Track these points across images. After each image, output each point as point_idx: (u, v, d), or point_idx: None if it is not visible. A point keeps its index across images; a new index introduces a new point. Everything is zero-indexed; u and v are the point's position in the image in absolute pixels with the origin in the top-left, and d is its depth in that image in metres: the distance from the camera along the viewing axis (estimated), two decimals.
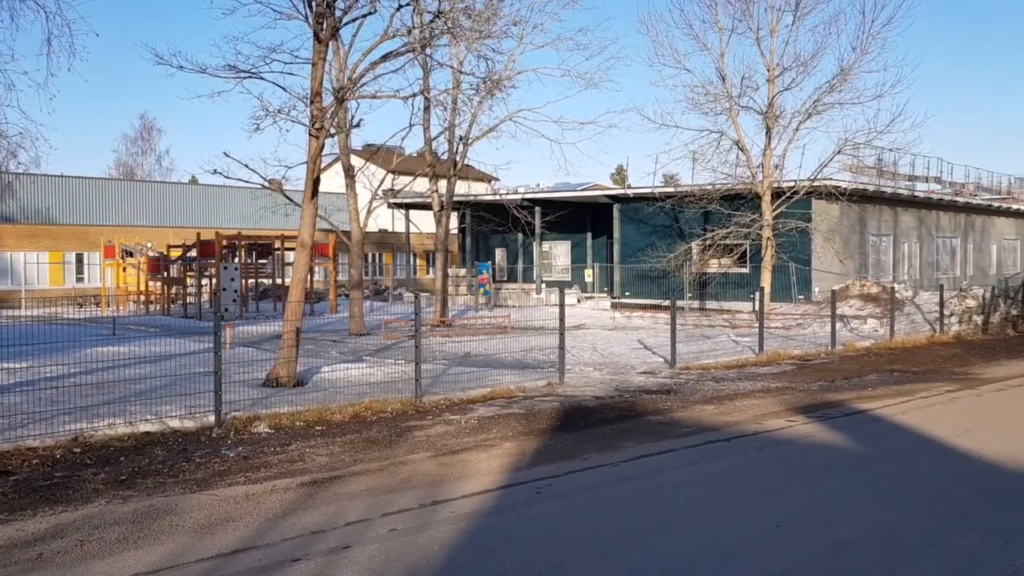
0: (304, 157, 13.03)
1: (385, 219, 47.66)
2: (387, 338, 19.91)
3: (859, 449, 8.88)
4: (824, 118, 25.48)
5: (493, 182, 43.05)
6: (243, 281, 28.08)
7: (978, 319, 22.32)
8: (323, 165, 15.10)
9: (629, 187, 35.08)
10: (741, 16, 25.22)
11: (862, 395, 12.17)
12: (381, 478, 7.35)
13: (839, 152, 25.35)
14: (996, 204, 39.96)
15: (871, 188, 29.44)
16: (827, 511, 6.47)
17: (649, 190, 30.54)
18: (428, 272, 47.34)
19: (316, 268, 33.08)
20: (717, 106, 25.58)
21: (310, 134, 12.54)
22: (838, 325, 19.49)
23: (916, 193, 33.55)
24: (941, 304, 21.87)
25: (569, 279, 35.84)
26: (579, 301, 32.44)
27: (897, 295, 22.94)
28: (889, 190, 31.29)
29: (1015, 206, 41.91)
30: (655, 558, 5.39)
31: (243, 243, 29.77)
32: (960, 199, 36.31)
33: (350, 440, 8.86)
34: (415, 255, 48.61)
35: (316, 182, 12.85)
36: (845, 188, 26.42)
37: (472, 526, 6.00)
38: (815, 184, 25.44)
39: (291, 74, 22.24)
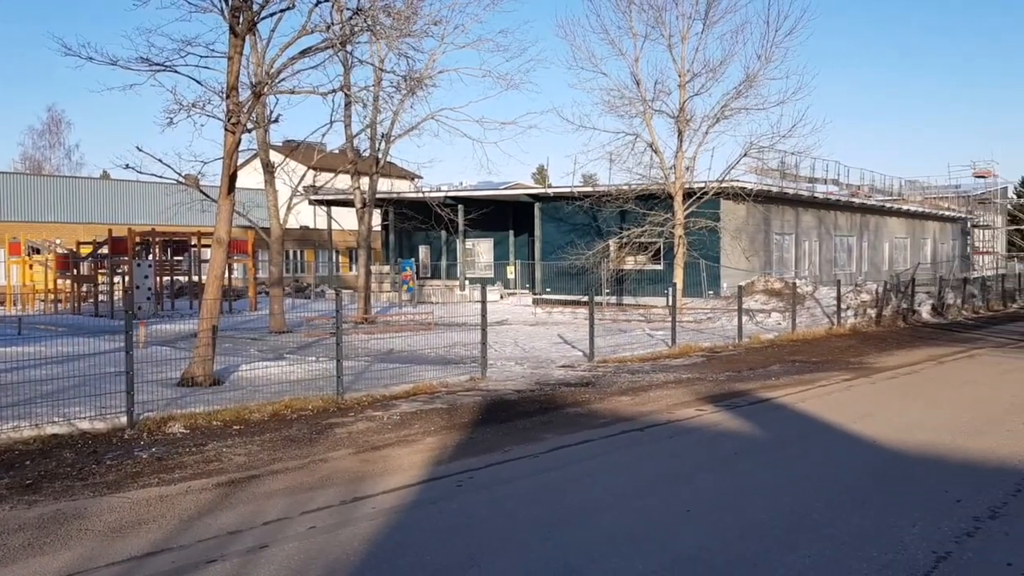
0: (220, 152, 12.82)
1: (307, 216, 46.99)
2: (308, 335, 19.71)
3: (764, 435, 9.27)
4: (731, 122, 26.45)
5: (416, 180, 42.92)
6: (158, 279, 27.39)
7: (872, 312, 23.45)
8: (241, 161, 14.84)
9: (550, 186, 35.53)
10: (654, 23, 25.90)
11: (767, 384, 12.69)
12: (301, 476, 7.34)
13: (745, 155, 26.30)
14: (888, 205, 41.94)
15: (775, 189, 30.65)
16: (734, 495, 6.75)
17: (569, 189, 30.99)
18: (351, 269, 46.87)
19: (235, 265, 32.45)
20: (632, 109, 26.21)
21: (226, 129, 12.35)
22: (744, 319, 20.19)
23: (816, 194, 35.02)
24: (838, 298, 22.91)
25: (492, 276, 36.07)
26: (502, 297, 32.69)
27: (799, 290, 23.90)
28: (791, 191, 32.60)
29: (905, 207, 44.12)
30: (572, 546, 5.54)
31: (158, 240, 29.00)
32: (856, 200, 38.02)
33: (269, 439, 8.81)
34: (338, 252, 48.06)
35: (232, 178, 12.66)
36: (751, 189, 27.42)
37: (393, 521, 6.05)
38: (723, 185, 26.32)
39: (207, 68, 21.72)
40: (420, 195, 31.95)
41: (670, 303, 19.26)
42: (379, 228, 39.62)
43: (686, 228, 26.29)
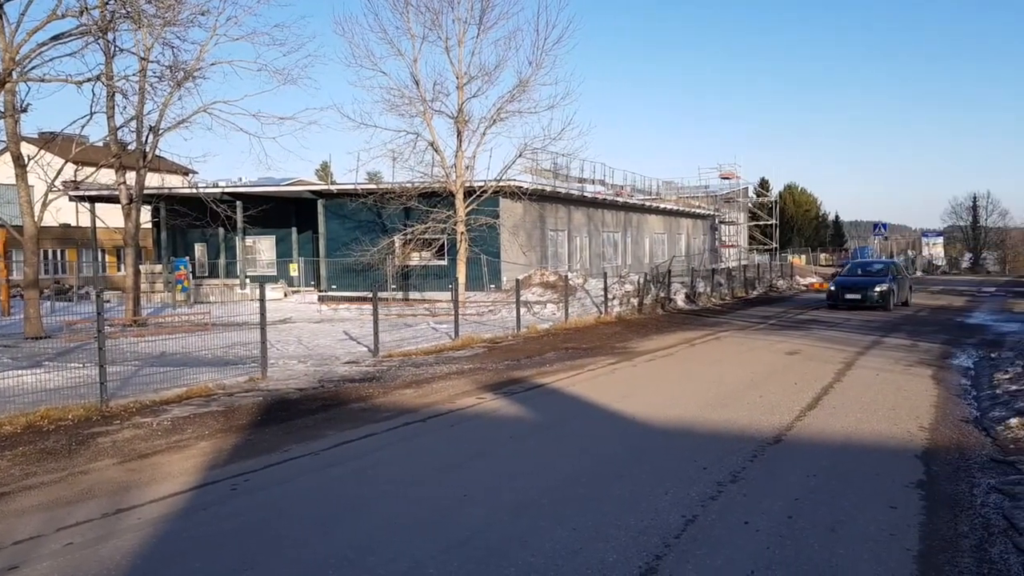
0: None
1: (68, 213, 43.34)
2: (70, 340, 18.26)
3: (537, 418, 9.78)
4: (507, 124, 27.63)
5: (190, 175, 40.81)
6: None
7: (635, 301, 25.25)
8: None
9: (333, 183, 35.06)
10: (431, 25, 26.35)
11: (542, 371, 13.34)
12: (58, 490, 6.85)
13: (520, 155, 27.49)
14: (648, 204, 45.36)
15: (548, 189, 32.19)
16: (509, 477, 7.06)
17: (353, 187, 30.78)
18: (119, 269, 43.76)
19: None
20: (412, 109, 26.57)
21: None
22: (523, 310, 21.09)
23: (585, 194, 37.16)
24: (605, 289, 24.48)
25: (275, 274, 35.10)
26: (286, 295, 31.88)
27: (571, 283, 25.32)
28: (563, 191, 34.38)
29: (663, 205, 48.08)
30: (351, 539, 5.57)
31: None
32: (620, 199, 40.76)
33: (22, 452, 8.12)
34: (103, 251, 44.66)
35: None
36: (526, 188, 28.64)
37: (160, 531, 5.81)
38: (501, 184, 27.27)
39: None
40: (194, 191, 30.38)
41: (454, 297, 19.70)
42: (150, 225, 37.36)
43: (467, 225, 27.01)
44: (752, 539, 5.47)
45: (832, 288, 26.98)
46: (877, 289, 25.41)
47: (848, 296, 25.75)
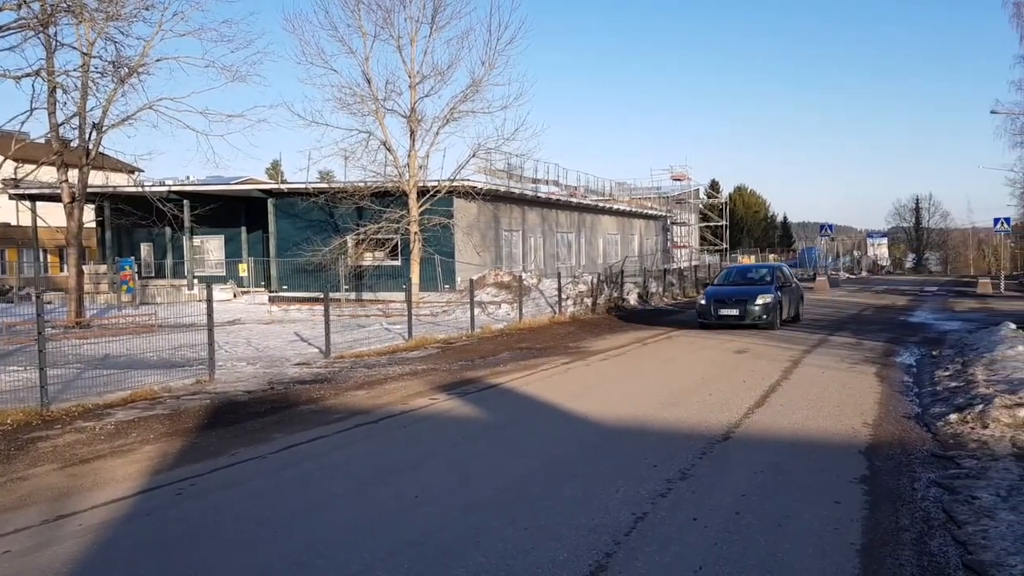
0: None
1: (8, 211, 42.25)
2: (10, 343, 17.77)
3: (490, 418, 9.78)
4: (460, 124, 27.58)
5: (136, 173, 39.98)
6: None
7: (588, 301, 25.46)
8: None
9: (284, 182, 34.65)
10: (383, 24, 26.18)
11: (495, 371, 13.35)
12: None
13: (474, 155, 27.46)
14: (602, 204, 45.74)
15: (502, 189, 32.27)
16: (461, 477, 7.05)
17: (304, 185, 30.49)
18: (62, 269, 42.73)
19: None
20: (364, 107, 26.36)
21: None
22: (477, 310, 21.09)
23: (539, 194, 37.37)
24: (559, 290, 24.63)
25: (224, 274, 34.58)
26: (235, 296, 31.42)
27: (525, 283, 25.40)
28: (517, 191, 34.50)
29: (616, 206, 48.56)
30: (301, 542, 5.50)
31: None
32: (574, 200, 41.09)
33: None
34: (46, 251, 43.62)
35: None
36: (480, 188, 28.68)
37: (103, 537, 5.67)
38: (455, 184, 27.24)
39: None
40: (139, 189, 29.76)
41: (407, 297, 19.62)
42: (93, 224, 36.54)
43: (421, 225, 26.92)
44: (700, 535, 5.52)
45: (702, 301, 20.68)
46: (760, 301, 19.71)
47: (723, 312, 19.90)
